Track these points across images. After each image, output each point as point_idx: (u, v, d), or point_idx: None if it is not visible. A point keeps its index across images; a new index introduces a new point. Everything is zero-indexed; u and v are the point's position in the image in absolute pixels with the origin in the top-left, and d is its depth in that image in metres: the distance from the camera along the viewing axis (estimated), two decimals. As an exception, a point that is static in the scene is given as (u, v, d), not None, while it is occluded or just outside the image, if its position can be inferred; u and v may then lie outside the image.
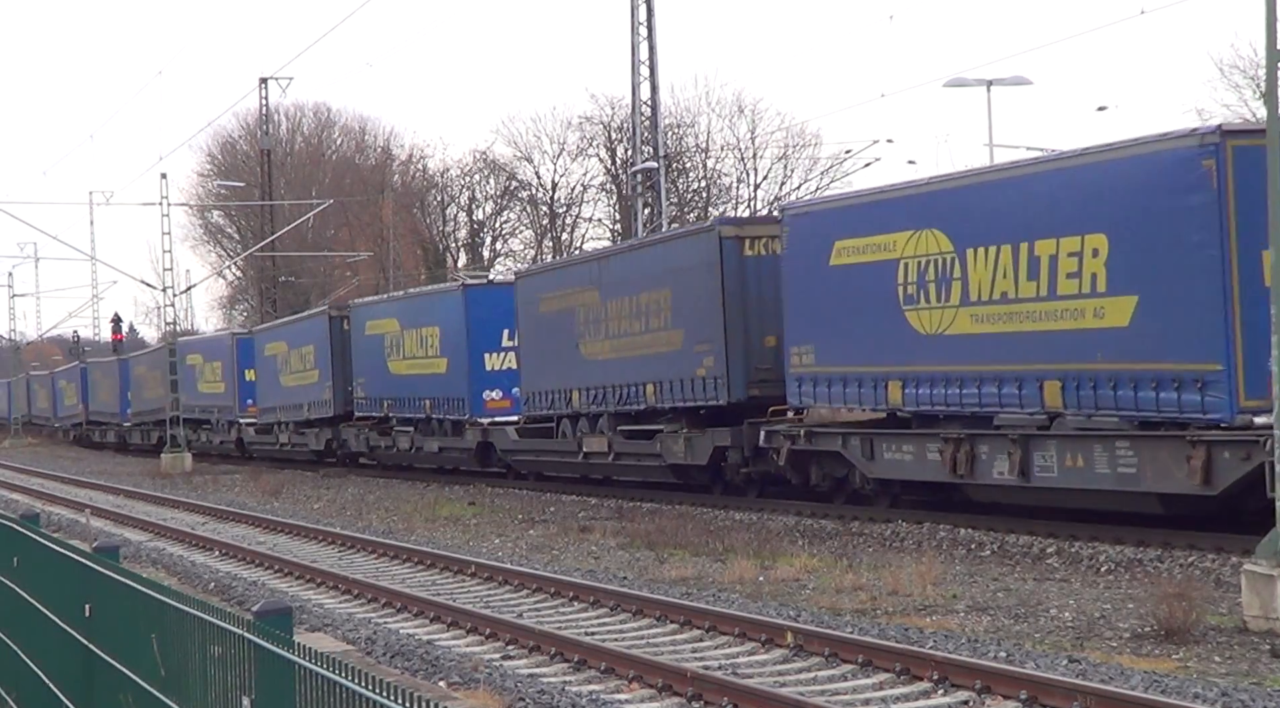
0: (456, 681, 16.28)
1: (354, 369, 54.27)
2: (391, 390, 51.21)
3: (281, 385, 61.17)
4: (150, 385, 77.30)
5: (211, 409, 69.97)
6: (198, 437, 70.98)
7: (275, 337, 63.28)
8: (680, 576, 23.74)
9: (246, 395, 65.83)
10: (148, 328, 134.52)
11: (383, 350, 51.80)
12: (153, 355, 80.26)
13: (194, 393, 70.48)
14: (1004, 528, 26.56)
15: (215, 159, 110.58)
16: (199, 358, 71.60)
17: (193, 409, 69.88)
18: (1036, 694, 13.86)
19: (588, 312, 39.81)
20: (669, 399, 35.52)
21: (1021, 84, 59.76)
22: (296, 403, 59.31)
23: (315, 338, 56.97)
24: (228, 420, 68.28)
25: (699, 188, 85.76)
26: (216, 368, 69.24)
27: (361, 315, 54.25)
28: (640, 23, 52.84)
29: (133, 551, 31.02)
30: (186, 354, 71.77)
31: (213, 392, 69.92)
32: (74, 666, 10.10)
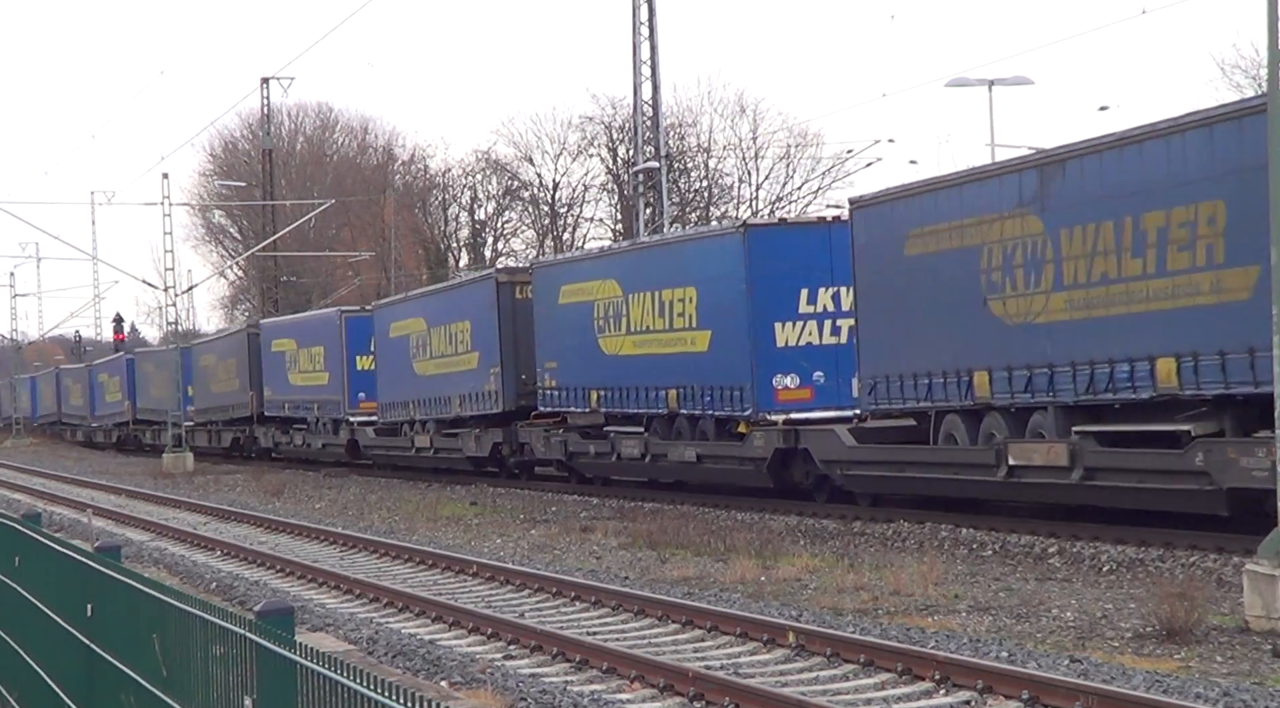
0: (458, 680, 16.28)
1: (539, 351, 42.43)
2: (605, 378, 39.15)
3: (416, 374, 50.02)
4: (220, 377, 70.02)
5: (309, 405, 59.01)
6: (288, 440, 62.20)
7: (406, 312, 51.52)
8: (682, 575, 23.74)
9: (359, 388, 54.73)
10: (149, 328, 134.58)
11: (590, 324, 39.66)
12: (226, 342, 71.50)
13: (282, 386, 61.65)
14: (1006, 528, 26.57)
15: (217, 159, 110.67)
16: (290, 343, 61.26)
17: (280, 406, 62.00)
18: (1038, 694, 13.85)
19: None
20: None
21: (1023, 84, 59.77)
22: (440, 396, 48.02)
23: (473, 311, 45.65)
24: (332, 419, 56.84)
25: (701, 188, 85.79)
26: (316, 354, 57.79)
27: (553, 279, 42.16)
28: (642, 22, 52.85)
29: (134, 550, 31.03)
30: (273, 339, 63.04)
31: (311, 384, 58.91)
32: (76, 665, 10.10)
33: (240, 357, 65.69)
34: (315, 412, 56.96)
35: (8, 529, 12.87)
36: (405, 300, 53.27)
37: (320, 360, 56.12)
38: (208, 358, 72.75)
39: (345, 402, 54.71)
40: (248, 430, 67.03)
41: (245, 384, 65.24)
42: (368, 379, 53.97)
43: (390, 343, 51.34)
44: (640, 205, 54.35)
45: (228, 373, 68.05)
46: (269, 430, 64.31)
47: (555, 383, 41.42)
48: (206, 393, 72.33)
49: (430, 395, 48.71)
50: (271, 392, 62.43)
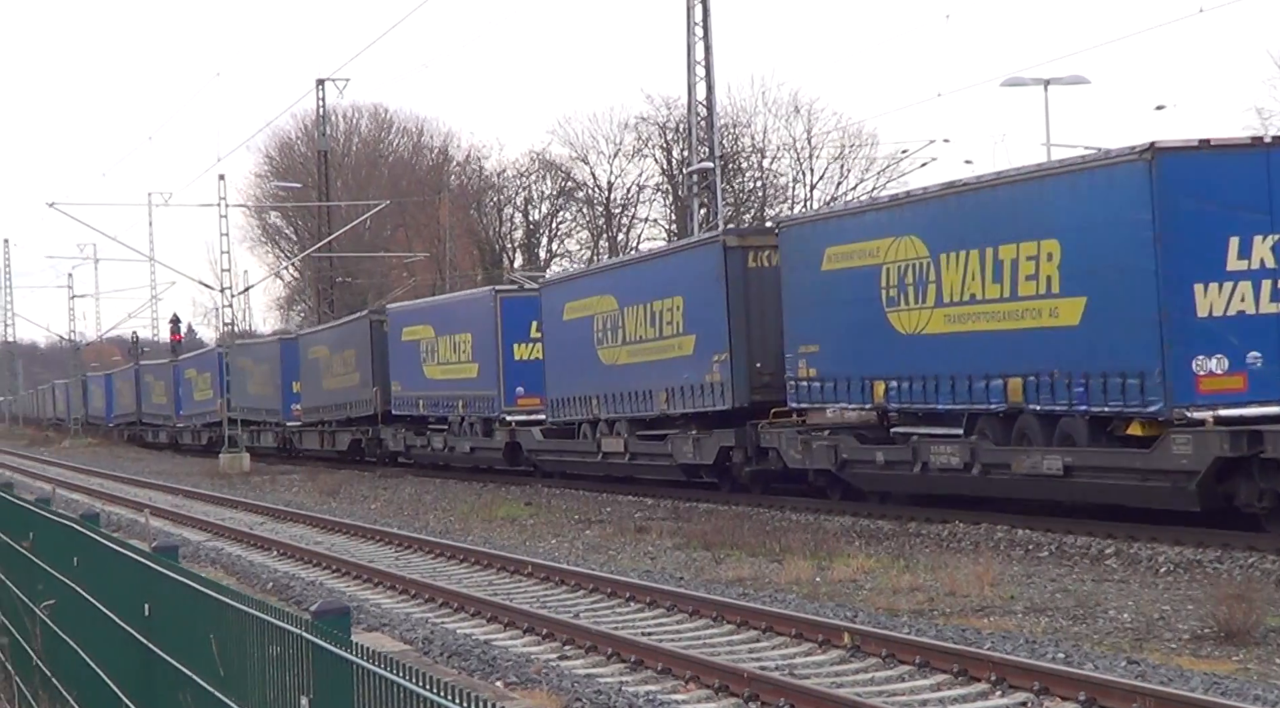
0: (514, 681, 16.30)
1: (791, 332, 33.62)
2: (899, 365, 30.56)
3: (602, 364, 41.84)
4: (336, 371, 62.14)
5: (450, 402, 50.81)
6: (423, 442, 54.16)
7: (587, 289, 43.70)
8: (737, 576, 23.72)
9: (518, 381, 47.22)
10: (206, 329, 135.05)
11: (874, 295, 30.91)
12: (342, 331, 63.00)
13: (415, 379, 53.88)
14: (1062, 529, 26.44)
15: (273, 160, 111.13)
16: (425, 330, 53.74)
17: (412, 403, 54.18)
18: (1095, 696, 13.79)
19: None
20: None
21: (1079, 83, 59.52)
22: (637, 390, 39.62)
23: (688, 284, 37.27)
24: (482, 418, 48.77)
25: (754, 188, 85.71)
26: (462, 343, 50.64)
27: (813, 239, 33.15)
28: (696, 23, 52.81)
29: (192, 550, 31.18)
30: (404, 326, 55.45)
31: (455, 377, 50.78)
32: (133, 665, 10.14)
33: (361, 347, 58.30)
34: (459, 410, 49.69)
35: (66, 529, 12.94)
36: (586, 276, 46.47)
37: (466, 349, 49.36)
38: (319, 350, 64.73)
39: (501, 397, 47.00)
40: (370, 432, 58.98)
41: (367, 378, 57.54)
42: (528, 371, 46.52)
43: (564, 327, 43.73)
44: (694, 206, 54.32)
45: (345, 366, 60.49)
46: (398, 431, 56.24)
47: (815, 372, 32.84)
48: (317, 389, 64.43)
49: (622, 389, 40.39)
50: (401, 386, 54.85)
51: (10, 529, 16.22)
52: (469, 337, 49.35)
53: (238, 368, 74.21)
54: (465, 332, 49.66)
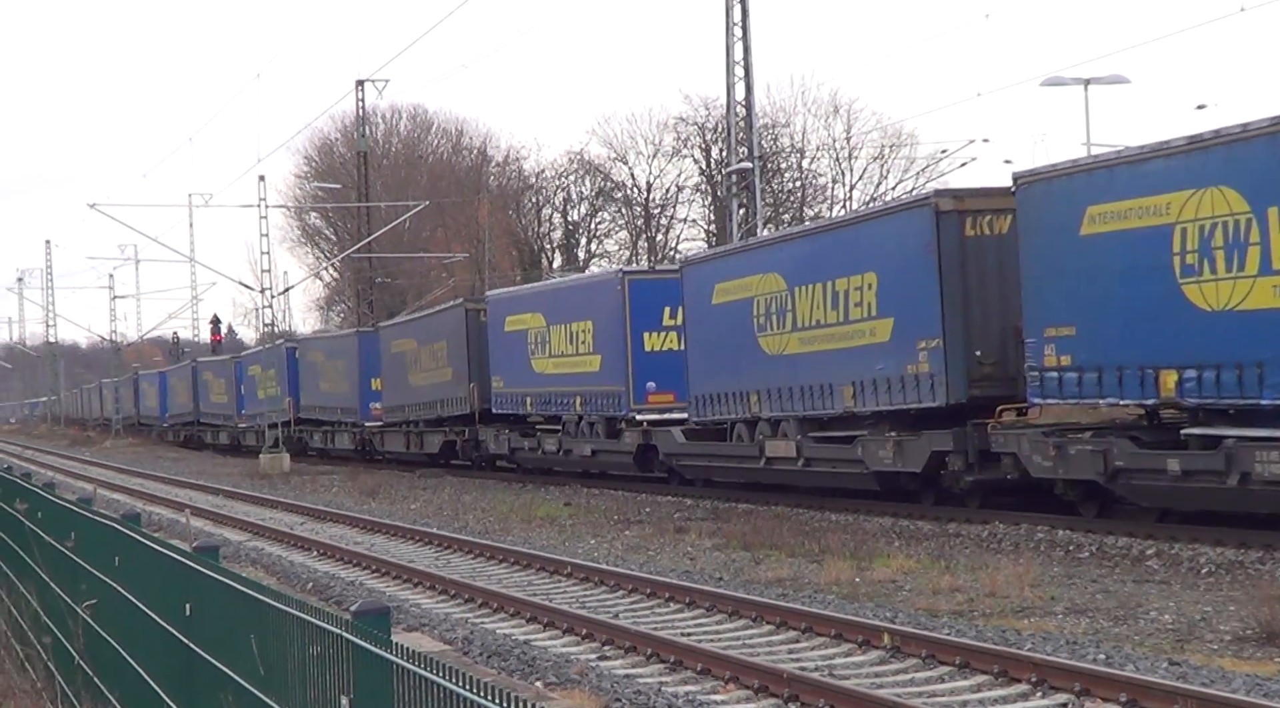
0: (553, 681, 16.31)
1: (1034, 313, 28.24)
2: (1194, 349, 24.88)
3: (764, 353, 36.06)
4: (425, 366, 56.72)
5: (565, 399, 46.00)
6: (532, 444, 48.33)
7: (744, 267, 37.43)
8: (776, 576, 23.70)
9: (647, 375, 42.31)
10: (246, 329, 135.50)
11: (1164, 263, 25.20)
12: (431, 322, 57.30)
13: (521, 373, 48.59)
14: (1102, 529, 26.35)
15: (312, 161, 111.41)
16: (534, 319, 48.09)
17: (517, 400, 49.12)
18: (1136, 697, 13.75)
19: None
20: None
21: (1119, 83, 59.37)
22: (815, 383, 34.01)
23: (883, 258, 31.55)
24: (605, 417, 43.71)
25: (794, 188, 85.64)
26: (581, 332, 45.17)
27: (1068, 196, 27.27)
28: (735, 23, 52.78)
29: (232, 550, 31.28)
30: (507, 315, 49.73)
31: (572, 371, 45.59)
32: (175, 664, 10.18)
33: (454, 339, 53.32)
34: (575, 408, 44.85)
35: (108, 529, 12.99)
36: (744, 251, 39.30)
37: (586, 340, 44.40)
38: (404, 343, 59.42)
39: (629, 393, 42.06)
40: (466, 432, 53.33)
41: (462, 374, 52.24)
42: (661, 363, 41.67)
43: (713, 312, 38.26)
44: (733, 206, 54.29)
45: (435, 360, 55.25)
46: (499, 432, 50.73)
47: (1069, 360, 27.32)
48: (402, 386, 58.95)
49: (792, 383, 34.82)
50: (504, 382, 49.81)
51: (53, 530, 16.29)
52: (589, 325, 44.18)
53: (308, 363, 70.58)
54: (584, 319, 44.49)
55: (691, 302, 39.67)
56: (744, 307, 36.81)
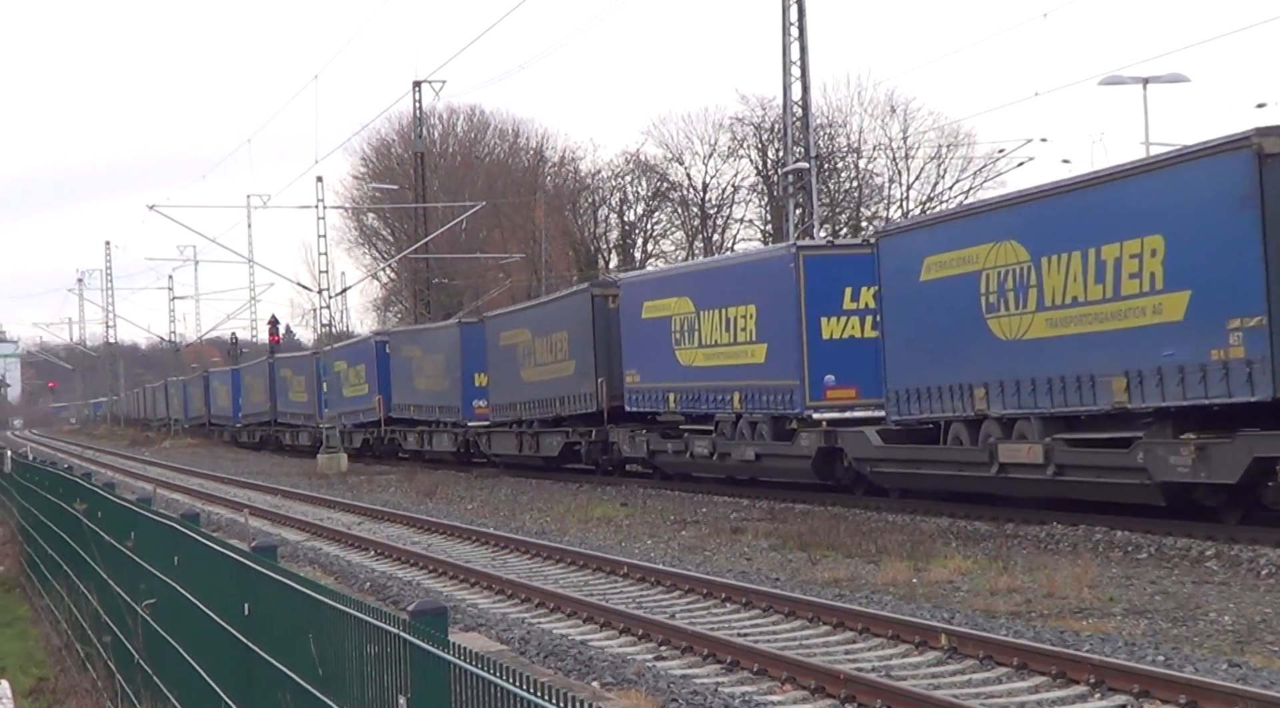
0: (610, 681, 16.33)
1: None
2: None
3: (995, 338, 30.29)
4: (540, 359, 51.36)
5: (718, 395, 40.36)
6: (679, 447, 42.95)
7: (961, 237, 31.58)
8: (833, 577, 23.66)
9: (824, 366, 36.57)
10: (304, 330, 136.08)
11: None
12: (548, 310, 52.17)
13: (661, 366, 43.43)
14: (1161, 530, 26.20)
15: (369, 162, 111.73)
16: (678, 304, 42.79)
17: (656, 397, 43.89)
18: (1196, 699, 13.67)
19: None
20: None
21: (1178, 82, 59.02)
22: (1067, 374, 28.32)
23: (1174, 219, 25.75)
24: (772, 416, 38.07)
25: (850, 188, 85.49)
26: (741, 318, 39.45)
27: None
28: (791, 23, 52.72)
29: (290, 550, 31.40)
30: (643, 300, 44.62)
31: (727, 363, 40.01)
32: (233, 663, 10.22)
33: (578, 329, 48.16)
34: (733, 405, 39.40)
35: (167, 529, 13.05)
36: (964, 217, 33.24)
37: (748, 327, 38.81)
38: (516, 334, 54.07)
39: (804, 389, 36.24)
40: (594, 433, 47.77)
41: (587, 367, 47.12)
42: (841, 353, 36.19)
43: (920, 292, 32.48)
44: (790, 206, 54.22)
45: (553, 353, 50.08)
46: (634, 433, 45.42)
47: None
48: (513, 382, 53.60)
49: (1034, 374, 29.13)
50: (640, 377, 44.60)
51: (113, 529, 16.39)
52: (752, 310, 38.44)
53: (401, 358, 65.69)
54: (745, 303, 38.79)
55: (891, 279, 33.64)
56: (966, 283, 30.89)
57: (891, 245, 34.13)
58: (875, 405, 35.05)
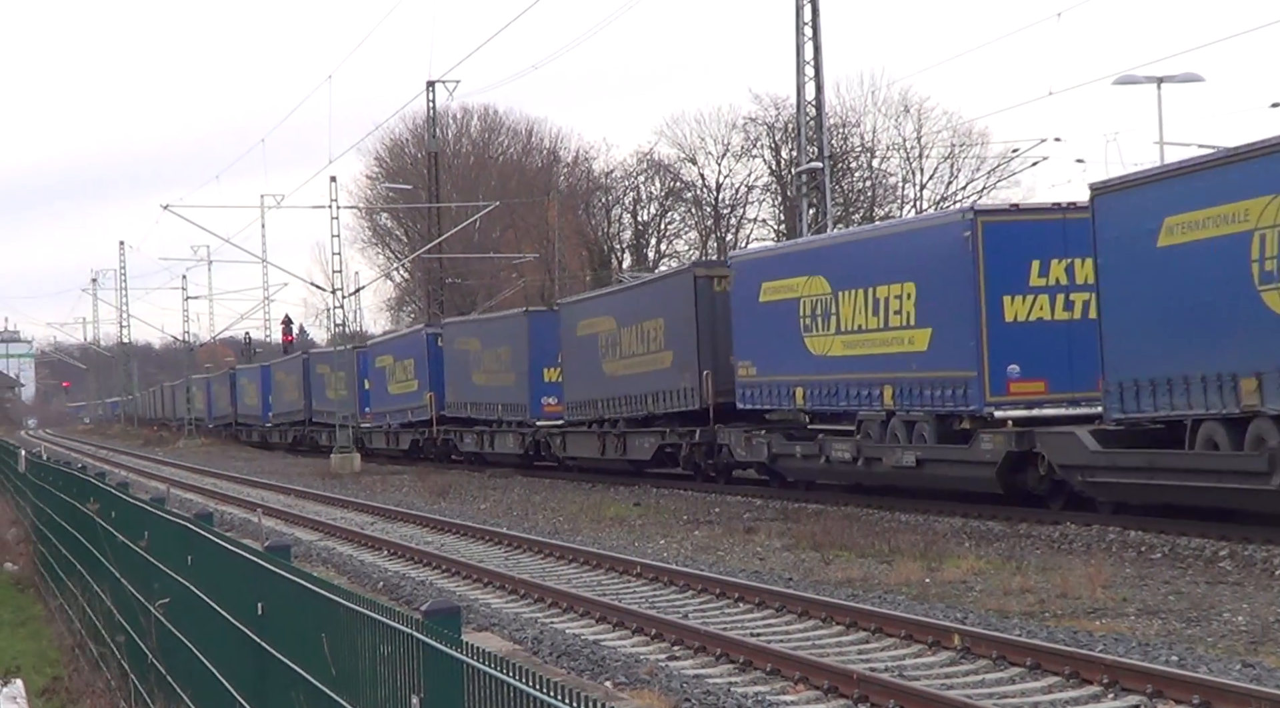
0: (623, 681, 16.33)
1: None
2: None
3: (1274, 314, 24.48)
4: (629, 350, 45.65)
5: (857, 389, 34.82)
6: (810, 451, 36.77)
7: (1222, 187, 25.63)
8: (846, 577, 23.65)
9: (1008, 355, 31.16)
10: (318, 330, 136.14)
11: None
12: (638, 295, 47.01)
13: (781, 357, 37.60)
14: (1175, 530, 26.16)
15: (383, 162, 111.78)
16: (806, 284, 36.97)
17: (777, 392, 38.25)
18: (1209, 699, 13.66)
19: None
20: None
21: (1193, 81, 58.88)
22: None
23: None
24: (936, 413, 32.39)
25: (864, 188, 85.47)
26: (889, 298, 33.80)
27: None
28: (805, 22, 52.70)
29: (303, 550, 31.44)
30: (761, 282, 38.80)
31: (871, 351, 34.22)
32: (247, 663, 10.23)
33: (677, 315, 42.59)
34: (883, 401, 33.66)
35: (181, 528, 13.07)
36: (1222, 165, 25.97)
37: (905, 309, 32.89)
38: (596, 322, 48.71)
39: (984, 381, 31.01)
40: (697, 434, 42.02)
41: (688, 358, 41.72)
42: (1028, 340, 31.03)
43: (1158, 260, 26.76)
44: (803, 206, 54.19)
45: (645, 343, 44.74)
46: (750, 433, 39.54)
47: None
48: (592, 376, 48.24)
49: None
50: (756, 368, 38.99)
51: (127, 529, 16.41)
52: (910, 289, 32.86)
53: (456, 351, 60.08)
54: (902, 281, 33.10)
55: (1115, 246, 27.98)
56: (1228, 247, 25.02)
57: (1114, 204, 28.07)
58: (1067, 401, 30.61)
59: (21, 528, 34.41)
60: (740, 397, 39.75)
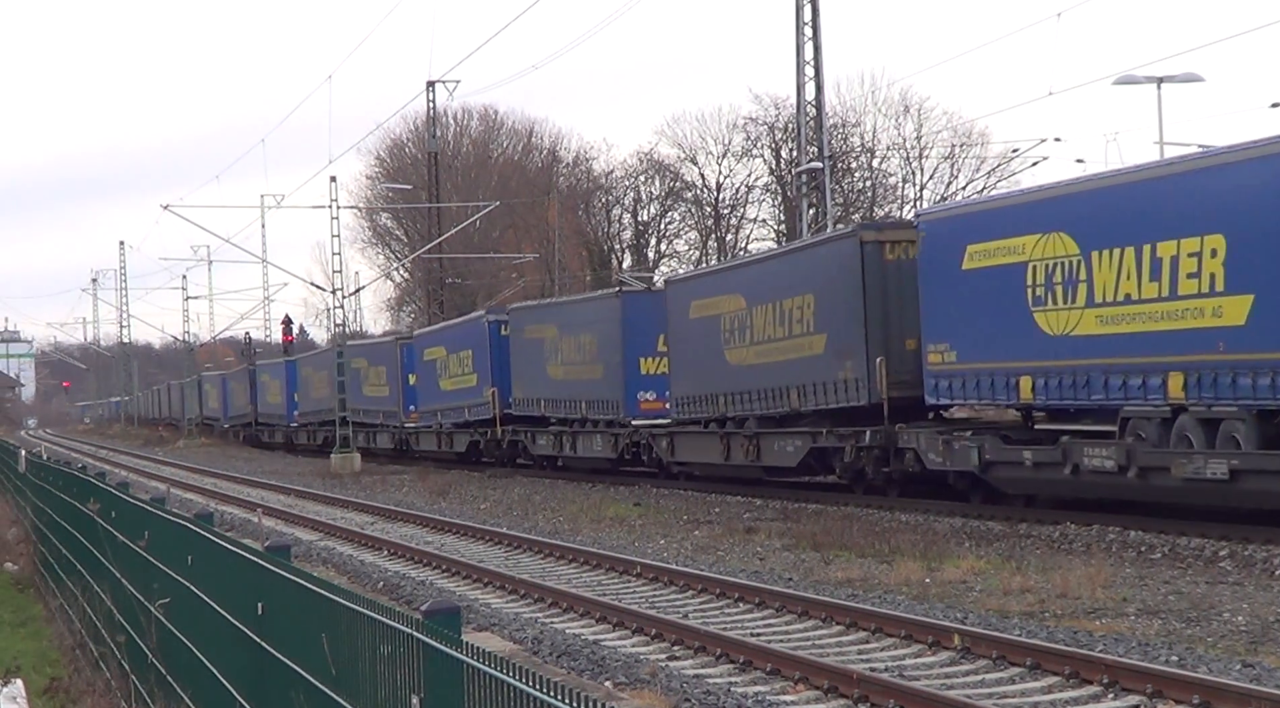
0: (623, 681, 16.33)
1: None
2: None
3: None
4: (761, 335, 38.49)
5: (1133, 379, 27.30)
6: (1053, 458, 29.09)
7: None
8: (846, 577, 23.66)
9: None
10: (318, 330, 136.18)
11: None
12: (778, 266, 39.52)
13: (1005, 337, 30.09)
14: (1175, 530, 26.17)
15: (383, 162, 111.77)
16: (1058, 243, 28.62)
17: (1000, 384, 30.44)
18: (1209, 699, 13.66)
19: None
20: None
21: (1193, 81, 58.89)
22: None
23: None
24: (1274, 408, 24.75)
25: (864, 188, 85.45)
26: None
27: None
28: (805, 22, 52.70)
29: (303, 550, 31.43)
30: (969, 243, 30.98)
31: (1161, 328, 26.54)
32: (246, 663, 10.24)
33: (830, 290, 35.29)
34: (1170, 392, 26.45)
35: (180, 528, 13.07)
36: None
37: (1205, 270, 25.51)
38: (717, 302, 41.26)
39: None
40: (866, 435, 33.91)
41: (850, 343, 34.38)
42: None
43: None
44: (803, 206, 54.18)
45: (782, 324, 37.53)
46: (950, 436, 31.76)
47: None
48: (710, 366, 41.09)
49: None
50: (955, 354, 31.65)
51: (127, 529, 16.41)
52: (1217, 243, 25.06)
53: (525, 341, 53.11)
54: (1198, 234, 25.44)
55: None
56: None
57: None
58: None
59: (21, 528, 34.41)
60: (931, 389, 32.29)
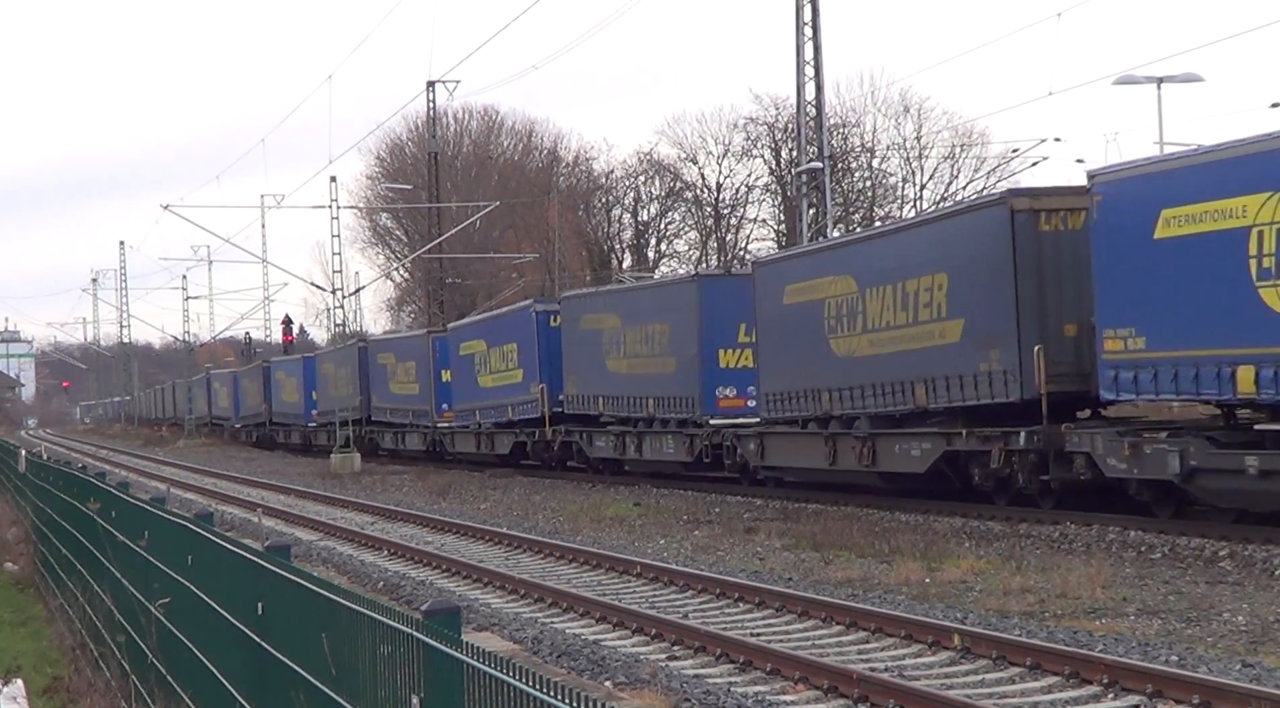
0: (623, 681, 16.33)
1: None
2: None
3: None
4: (879, 322, 33.41)
5: None
6: None
7: None
8: (846, 577, 23.66)
9: None
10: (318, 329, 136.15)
11: None
12: (897, 242, 33.93)
13: (1227, 310, 24.33)
14: (1175, 530, 26.16)
15: (383, 162, 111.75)
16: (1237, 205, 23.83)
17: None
18: (1209, 699, 13.66)
19: None
20: None
21: (1193, 81, 58.92)
22: None
23: None
24: None
25: (864, 188, 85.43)
26: None
27: None
28: (805, 22, 52.67)
29: (303, 550, 31.43)
30: (1164, 207, 25.53)
31: None
32: (247, 663, 10.24)
33: (964, 267, 30.69)
34: None
35: (181, 528, 13.07)
36: None
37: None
38: (817, 286, 36.27)
39: None
40: (1019, 436, 29.18)
41: (993, 329, 29.85)
42: None
43: None
44: (803, 206, 54.17)
45: (904, 308, 32.73)
46: (1128, 438, 26.76)
47: None
48: (807, 359, 36.33)
49: None
50: (1143, 341, 26.42)
51: (127, 529, 16.41)
52: None
53: (579, 333, 48.39)
54: None
55: None
56: None
57: None
58: None
59: (22, 528, 34.41)
60: (1107, 382, 27.17)
